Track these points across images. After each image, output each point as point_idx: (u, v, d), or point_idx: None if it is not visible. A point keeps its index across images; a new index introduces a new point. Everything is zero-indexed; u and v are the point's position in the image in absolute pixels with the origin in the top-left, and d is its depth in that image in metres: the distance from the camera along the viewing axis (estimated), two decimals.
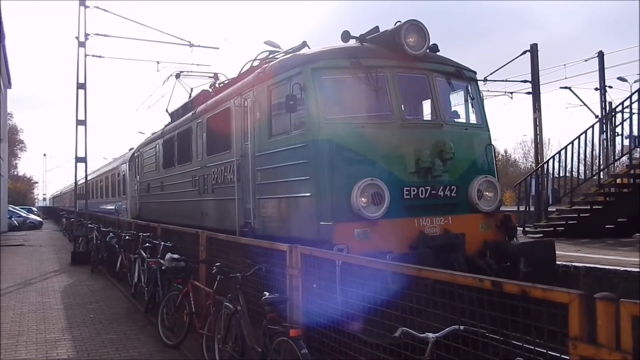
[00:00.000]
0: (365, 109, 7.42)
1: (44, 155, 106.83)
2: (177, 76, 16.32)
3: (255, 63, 10.39)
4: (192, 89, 16.12)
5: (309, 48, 8.82)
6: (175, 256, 8.02)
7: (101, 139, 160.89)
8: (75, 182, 19.70)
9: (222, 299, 6.27)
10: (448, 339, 3.56)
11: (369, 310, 4.52)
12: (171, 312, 7.78)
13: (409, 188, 7.03)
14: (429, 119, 7.93)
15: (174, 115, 15.17)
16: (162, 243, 9.85)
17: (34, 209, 66.08)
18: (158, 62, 19.48)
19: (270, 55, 10.08)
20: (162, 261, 8.62)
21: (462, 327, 3.52)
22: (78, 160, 18.42)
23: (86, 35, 17.87)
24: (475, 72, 8.49)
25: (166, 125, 15.48)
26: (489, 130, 8.24)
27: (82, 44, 17.84)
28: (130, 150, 23.14)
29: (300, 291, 5.41)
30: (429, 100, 8.02)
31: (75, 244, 19.03)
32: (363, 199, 6.63)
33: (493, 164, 8.11)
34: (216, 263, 6.84)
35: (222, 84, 12.56)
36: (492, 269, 6.74)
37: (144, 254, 10.53)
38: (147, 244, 10.61)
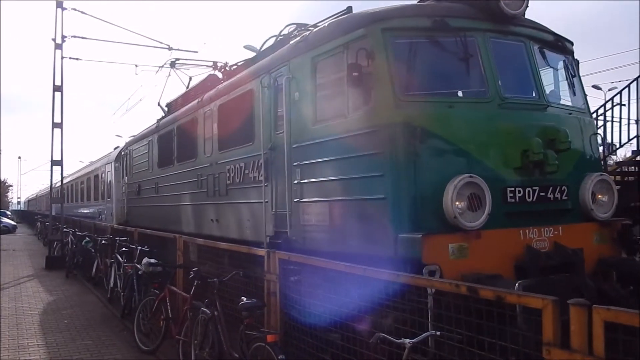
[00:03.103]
0: (453, 84, 5.96)
1: (19, 158, 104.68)
2: (173, 64, 14.64)
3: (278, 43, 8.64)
4: (190, 78, 14.57)
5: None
6: (152, 261, 7.94)
7: (78, 142, 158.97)
8: (51, 186, 19.39)
9: (199, 304, 6.22)
10: (424, 344, 3.58)
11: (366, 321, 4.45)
12: (147, 318, 7.69)
13: (513, 189, 5.46)
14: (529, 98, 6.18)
15: (172, 107, 13.43)
16: (139, 247, 9.75)
17: (8, 212, 64.85)
18: (136, 65, 19.25)
19: (301, 30, 8.16)
20: (138, 266, 8.53)
21: (438, 333, 3.54)
22: (54, 163, 18.16)
23: (63, 37, 17.65)
24: (573, 43, 6.89)
25: (161, 119, 13.67)
26: (591, 116, 6.68)
27: (59, 46, 17.63)
28: (115, 149, 21.78)
29: (277, 296, 5.40)
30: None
31: (50, 248, 18.73)
32: (460, 203, 5.06)
33: (600, 159, 6.57)
34: (193, 268, 6.79)
35: (235, 66, 10.42)
36: (620, 295, 5.21)
37: (120, 259, 10.41)
38: (124, 249, 10.49)
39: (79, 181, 29.09)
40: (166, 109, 14.16)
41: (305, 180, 6.45)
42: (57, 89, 17.70)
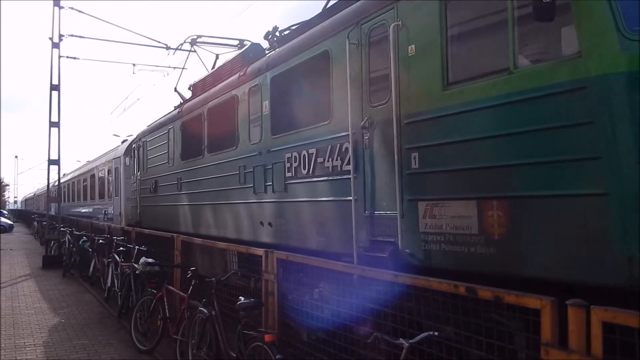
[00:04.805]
0: None
1: (16, 157, 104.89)
2: (193, 42, 12.95)
3: None
4: (217, 56, 12.82)
5: None
6: (150, 260, 7.94)
7: (75, 141, 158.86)
8: (48, 185, 19.36)
9: (196, 303, 6.22)
10: (422, 344, 3.58)
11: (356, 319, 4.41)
12: (145, 317, 7.67)
13: None
14: None
15: (198, 88, 11.37)
16: (137, 247, 9.74)
17: (5, 211, 64.73)
18: (134, 65, 19.28)
19: None
20: (136, 265, 8.52)
21: (436, 333, 3.54)
22: (51, 162, 18.13)
23: (60, 36, 17.64)
24: None
25: (183, 103, 11.86)
26: None
27: (56, 45, 17.62)
28: (123, 142, 20.29)
29: (275, 296, 5.40)
30: None
31: (47, 247, 18.70)
32: None
33: None
34: (191, 267, 6.79)
35: (288, 31, 8.14)
36: None
37: (118, 258, 10.40)
38: (121, 248, 10.47)
39: (82, 178, 27.50)
40: (184, 94, 12.64)
41: (431, 170, 4.66)
42: (55, 88, 17.68)
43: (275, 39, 8.32)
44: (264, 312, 5.50)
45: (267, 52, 8.41)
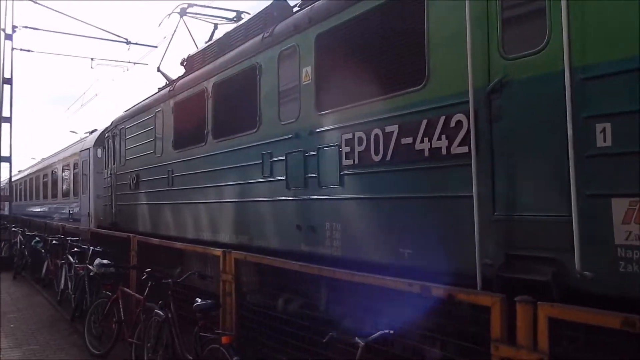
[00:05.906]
0: None
1: None
2: (183, 13, 11.03)
3: None
4: (216, 26, 11.16)
5: None
6: (105, 262, 7.77)
7: (28, 138, 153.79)
8: None
9: (152, 306, 6.10)
10: (378, 343, 3.61)
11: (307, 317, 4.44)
12: (99, 320, 7.51)
13: None
14: None
15: (195, 61, 9.53)
16: (91, 248, 9.52)
17: None
18: (92, 59, 18.85)
19: None
20: (90, 267, 8.33)
21: (392, 331, 3.57)
22: (2, 159, 17.53)
23: (14, 27, 17.13)
24: None
25: (175, 81, 9.83)
26: None
27: (9, 37, 17.11)
28: (92, 132, 18.32)
29: (233, 297, 5.36)
30: None
31: None
32: None
33: None
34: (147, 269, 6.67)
35: None
36: None
37: (72, 259, 10.13)
38: (76, 249, 10.22)
39: (41, 174, 25.14)
40: (171, 74, 11.17)
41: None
42: (7, 81, 17.13)
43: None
44: (221, 313, 5.45)
45: (296, 10, 6.82)
